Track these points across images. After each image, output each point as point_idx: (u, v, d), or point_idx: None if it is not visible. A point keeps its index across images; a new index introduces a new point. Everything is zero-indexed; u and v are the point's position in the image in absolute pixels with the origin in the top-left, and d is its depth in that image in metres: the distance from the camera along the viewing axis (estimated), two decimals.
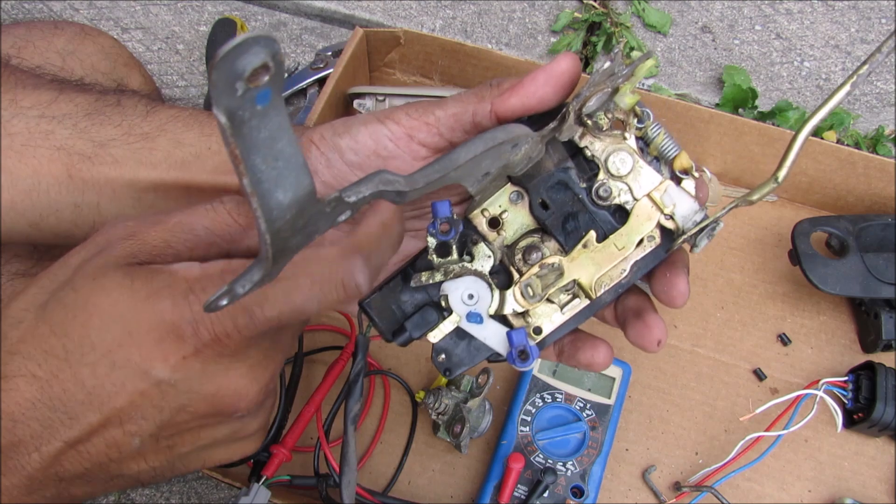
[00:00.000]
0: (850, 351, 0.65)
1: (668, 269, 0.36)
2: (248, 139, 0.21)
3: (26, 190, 0.38)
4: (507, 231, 0.37)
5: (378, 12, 0.89)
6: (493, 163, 0.33)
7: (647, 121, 0.35)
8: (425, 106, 0.36)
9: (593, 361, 0.37)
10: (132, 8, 0.87)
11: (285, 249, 0.27)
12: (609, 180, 0.35)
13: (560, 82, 0.34)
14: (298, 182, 0.24)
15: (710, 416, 0.62)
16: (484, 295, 0.36)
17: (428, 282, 0.36)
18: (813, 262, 0.60)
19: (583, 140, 0.35)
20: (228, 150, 0.21)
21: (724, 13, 0.91)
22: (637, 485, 0.59)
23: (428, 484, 0.58)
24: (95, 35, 0.57)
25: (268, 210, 0.24)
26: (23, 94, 0.39)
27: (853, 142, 0.80)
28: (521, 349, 0.34)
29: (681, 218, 0.35)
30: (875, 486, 0.59)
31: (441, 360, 0.37)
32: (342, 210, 0.28)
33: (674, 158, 0.35)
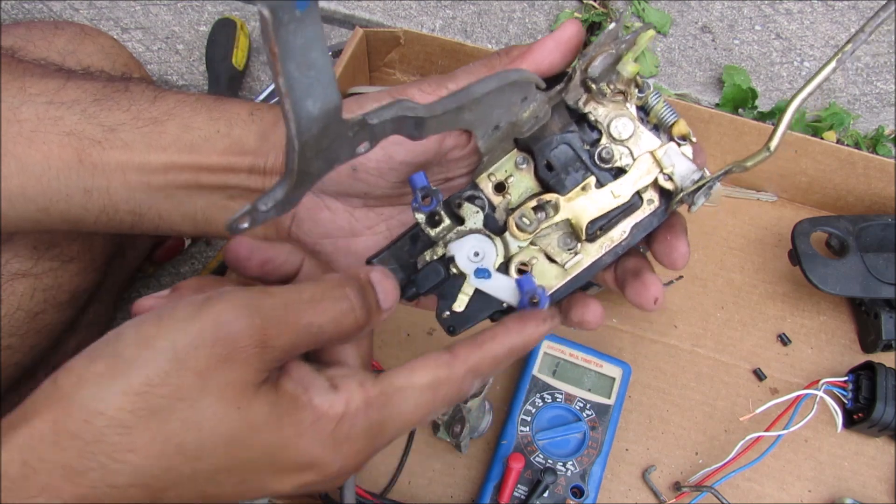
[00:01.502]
0: (850, 351, 0.65)
1: (668, 231, 0.37)
2: (286, 43, 0.22)
3: (36, 175, 0.38)
4: (512, 194, 0.38)
5: (378, 12, 0.89)
6: (504, 114, 0.35)
7: (647, 90, 0.36)
8: (437, 80, 0.37)
9: (584, 319, 0.38)
10: (132, 8, 0.87)
11: (308, 173, 0.27)
12: (611, 144, 0.37)
13: (567, 48, 0.36)
14: (327, 94, 0.25)
15: (710, 416, 0.62)
16: (489, 251, 0.37)
17: (433, 258, 0.37)
18: (813, 262, 0.60)
19: (587, 106, 0.36)
20: (267, 47, 0.22)
21: (724, 13, 0.91)
22: (637, 485, 0.59)
23: (428, 484, 0.58)
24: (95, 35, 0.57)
25: (299, 116, 0.24)
26: (31, 81, 0.39)
27: (853, 142, 0.80)
28: (532, 294, 0.35)
29: (679, 177, 0.36)
30: (875, 486, 0.59)
31: (445, 317, 0.38)
32: (363, 138, 0.29)
33: (672, 125, 0.36)
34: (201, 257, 0.71)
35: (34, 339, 0.50)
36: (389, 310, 0.33)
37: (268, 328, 0.28)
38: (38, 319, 0.49)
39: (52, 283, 0.49)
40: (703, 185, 0.35)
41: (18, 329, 0.48)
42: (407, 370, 0.32)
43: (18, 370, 0.50)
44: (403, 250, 0.38)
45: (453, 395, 0.32)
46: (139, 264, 0.67)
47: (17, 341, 0.48)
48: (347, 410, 0.30)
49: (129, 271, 0.65)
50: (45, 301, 0.49)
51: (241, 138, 0.40)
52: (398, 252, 0.38)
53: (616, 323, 0.65)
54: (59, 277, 0.50)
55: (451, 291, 0.38)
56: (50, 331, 0.51)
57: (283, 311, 0.29)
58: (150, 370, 0.27)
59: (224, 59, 0.79)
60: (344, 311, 0.31)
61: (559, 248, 0.37)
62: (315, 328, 0.30)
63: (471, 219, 0.38)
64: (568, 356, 0.60)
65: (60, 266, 0.50)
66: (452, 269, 0.37)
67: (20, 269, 0.48)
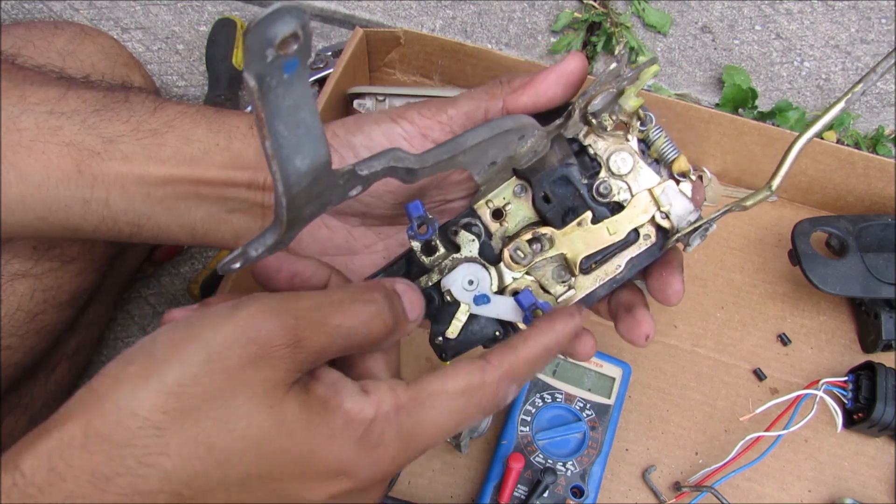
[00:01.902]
0: (850, 351, 0.65)
1: (664, 268, 0.37)
2: (274, 105, 0.23)
3: (35, 184, 0.38)
4: (509, 222, 0.38)
5: (378, 12, 0.89)
6: (500, 152, 0.35)
7: (649, 124, 0.36)
8: (437, 104, 0.37)
9: (580, 352, 0.38)
10: (132, 8, 0.87)
11: (299, 217, 0.28)
12: (610, 178, 0.37)
13: (569, 81, 0.36)
14: (316, 151, 0.26)
15: (710, 416, 0.62)
16: (482, 276, 0.37)
17: (427, 284, 0.37)
18: (813, 262, 0.60)
19: (587, 139, 0.36)
20: (255, 113, 0.23)
21: (724, 13, 0.91)
22: (637, 485, 0.59)
23: (428, 484, 0.58)
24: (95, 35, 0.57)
25: (286, 174, 0.25)
26: (30, 90, 0.39)
27: (853, 142, 0.80)
28: (535, 308, 0.35)
29: (676, 217, 0.36)
30: (875, 486, 0.59)
31: (438, 342, 0.38)
32: (354, 184, 0.30)
33: (672, 161, 0.36)
34: (201, 257, 0.71)
35: (34, 340, 0.50)
36: (416, 320, 0.33)
37: (300, 328, 0.28)
38: (37, 320, 0.49)
39: (52, 283, 0.49)
40: (699, 226, 0.35)
41: (18, 329, 0.48)
42: (440, 376, 0.31)
43: (18, 370, 0.50)
44: (399, 273, 0.38)
45: (489, 402, 0.32)
46: (139, 264, 0.67)
47: (16, 341, 0.48)
48: (378, 414, 0.29)
49: (129, 271, 0.65)
50: (45, 301, 0.49)
51: (241, 152, 0.40)
52: (394, 275, 0.38)
53: None
54: (59, 278, 0.50)
55: (445, 317, 0.38)
56: (50, 331, 0.51)
57: (315, 313, 0.29)
58: (183, 370, 0.27)
59: (224, 59, 0.79)
60: (373, 314, 0.30)
61: (553, 280, 0.37)
62: (345, 330, 0.29)
63: (466, 247, 0.38)
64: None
65: (61, 267, 0.50)
66: (447, 297, 0.37)
67: (20, 269, 0.48)
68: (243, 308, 0.28)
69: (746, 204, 0.32)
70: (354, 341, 0.30)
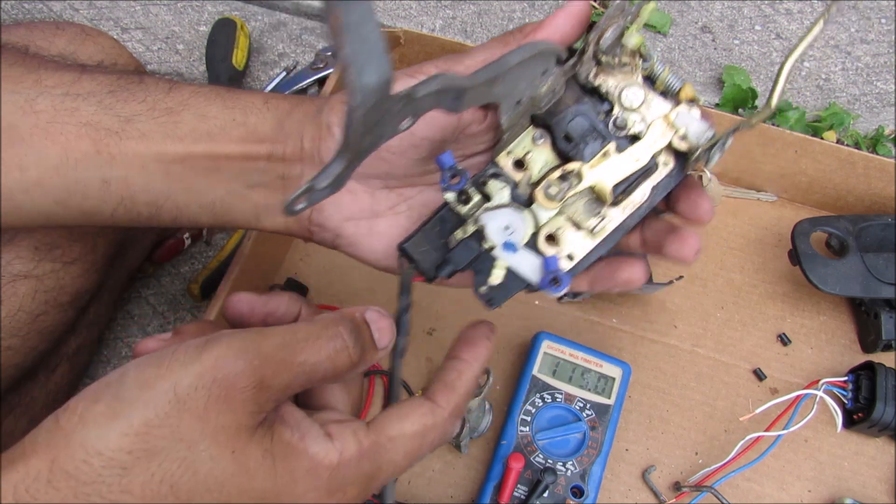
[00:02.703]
0: (850, 351, 0.65)
1: (690, 190, 0.38)
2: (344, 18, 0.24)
3: (54, 167, 0.38)
4: (531, 169, 0.39)
5: (378, 12, 0.89)
6: (527, 88, 0.36)
7: (651, 59, 0.37)
8: (454, 57, 0.38)
9: (632, 278, 0.40)
10: (132, 8, 0.87)
11: (359, 150, 0.29)
12: (623, 112, 0.38)
13: (577, 21, 0.37)
14: (381, 67, 0.26)
15: (710, 416, 0.62)
16: (519, 225, 0.38)
17: (464, 237, 0.39)
18: (813, 262, 0.60)
19: (597, 79, 0.38)
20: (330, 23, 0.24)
21: (724, 13, 0.91)
22: (637, 485, 0.59)
23: (428, 484, 0.58)
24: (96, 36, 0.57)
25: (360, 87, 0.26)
26: (45, 74, 0.39)
27: (853, 142, 0.80)
28: (554, 276, 0.36)
29: (694, 136, 0.37)
30: (875, 486, 0.59)
31: (482, 291, 0.39)
32: (406, 113, 0.30)
33: (679, 91, 0.38)
34: (201, 257, 0.71)
35: (35, 341, 0.50)
36: (385, 348, 0.34)
37: (264, 368, 0.29)
38: (39, 321, 0.49)
39: (53, 284, 0.49)
40: (717, 141, 0.36)
41: (20, 330, 0.48)
42: (396, 419, 0.32)
43: (19, 371, 0.50)
44: (434, 231, 0.39)
45: (439, 440, 0.34)
46: (139, 264, 0.67)
47: (18, 342, 0.48)
48: (342, 460, 0.30)
49: (130, 271, 0.65)
50: (47, 302, 0.49)
51: (258, 126, 0.40)
52: (429, 234, 0.39)
53: (616, 323, 0.65)
54: (60, 279, 0.50)
55: (486, 266, 0.39)
56: (51, 332, 0.51)
57: (280, 351, 0.29)
58: (150, 411, 0.27)
59: (224, 59, 0.79)
60: (338, 349, 0.31)
61: (585, 214, 0.38)
62: (310, 366, 0.30)
63: (497, 194, 0.39)
64: (568, 356, 0.60)
65: (62, 268, 0.50)
66: (484, 245, 0.39)
67: (22, 270, 0.48)
68: (211, 348, 0.28)
69: (752, 122, 0.34)
70: (318, 375, 0.31)
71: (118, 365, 0.65)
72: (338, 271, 0.67)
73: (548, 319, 0.65)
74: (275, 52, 0.85)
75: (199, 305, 0.68)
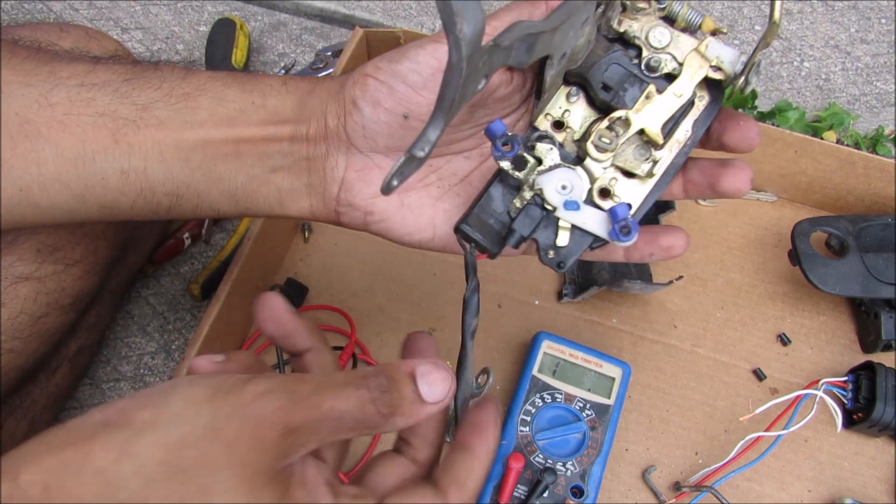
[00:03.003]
0: (850, 351, 0.65)
1: (737, 118, 0.39)
2: None
3: (72, 159, 0.37)
4: (573, 126, 0.39)
5: (378, 12, 0.89)
6: (573, 39, 0.36)
7: (666, 1, 0.38)
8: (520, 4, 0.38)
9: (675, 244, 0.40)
10: (132, 8, 0.87)
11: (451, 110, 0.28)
12: (655, 53, 0.38)
13: None
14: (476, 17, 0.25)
15: (710, 416, 0.62)
16: (576, 183, 0.38)
17: (522, 205, 0.38)
18: (813, 262, 0.61)
19: (622, 25, 0.38)
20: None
21: (724, 13, 0.91)
22: (637, 485, 0.59)
23: None
24: (100, 38, 0.57)
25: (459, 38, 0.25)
26: (60, 66, 0.39)
27: (853, 142, 0.80)
28: (624, 224, 0.36)
29: (728, 64, 0.38)
30: (875, 486, 0.59)
31: (551, 256, 0.39)
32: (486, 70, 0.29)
33: (700, 24, 0.38)
34: (201, 257, 0.71)
35: (37, 343, 0.49)
36: (439, 402, 0.32)
37: (295, 411, 0.29)
38: (40, 323, 0.49)
39: (55, 286, 0.49)
40: (753, 64, 0.36)
41: (21, 332, 0.48)
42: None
43: (20, 373, 0.50)
44: (489, 206, 0.39)
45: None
46: (140, 265, 0.67)
47: (19, 344, 0.48)
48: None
49: (131, 273, 0.65)
50: (48, 305, 0.49)
51: (278, 108, 0.39)
52: (484, 209, 0.39)
53: (616, 323, 0.65)
54: (62, 281, 0.50)
55: (548, 231, 0.39)
56: (52, 334, 0.51)
57: (312, 395, 0.30)
58: (188, 429, 0.27)
59: (224, 60, 0.79)
60: (363, 399, 0.30)
61: (636, 160, 0.39)
62: (336, 413, 0.30)
63: (548, 157, 0.38)
64: (568, 356, 0.60)
65: (64, 269, 0.50)
66: (547, 208, 0.38)
67: (23, 272, 0.47)
68: (254, 384, 0.29)
69: (767, 40, 0.34)
70: (347, 425, 0.30)
71: (118, 365, 0.65)
72: (338, 271, 0.67)
73: (548, 319, 0.65)
74: (275, 52, 0.85)
75: (199, 305, 0.68)
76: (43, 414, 0.55)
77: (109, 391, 0.64)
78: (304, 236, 0.68)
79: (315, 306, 0.64)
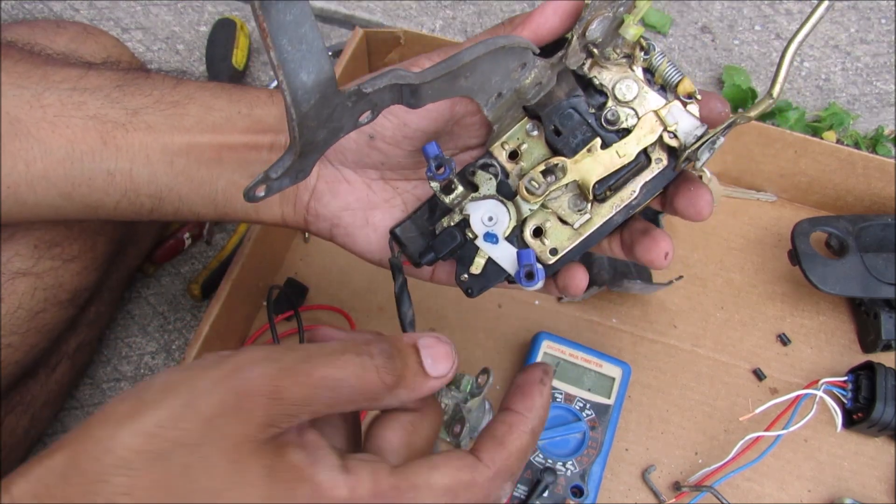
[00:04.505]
0: (850, 351, 0.65)
1: (689, 183, 0.38)
2: (276, 20, 0.24)
3: (60, 159, 0.38)
4: (525, 161, 0.39)
5: (378, 12, 0.89)
6: (503, 81, 0.35)
7: (651, 52, 0.37)
8: (445, 49, 0.38)
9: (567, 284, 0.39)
10: (132, 8, 0.87)
11: (314, 142, 0.29)
12: (617, 106, 0.37)
13: (566, 13, 0.37)
14: (320, 66, 0.27)
15: (710, 416, 0.62)
16: (502, 217, 0.39)
17: (450, 224, 0.39)
18: (812, 262, 0.61)
19: (591, 71, 0.37)
20: (258, 24, 0.24)
21: (723, 13, 0.91)
22: (637, 485, 0.59)
23: None
24: (97, 34, 0.57)
25: (293, 87, 0.26)
26: (53, 70, 0.40)
27: (853, 142, 0.80)
28: (529, 269, 0.37)
29: (683, 134, 0.37)
30: (875, 486, 0.59)
31: (463, 279, 0.39)
32: (363, 108, 0.30)
33: (677, 84, 0.37)
34: (201, 257, 0.71)
35: (35, 338, 0.50)
36: (442, 377, 0.30)
37: (280, 378, 0.27)
38: (38, 318, 0.49)
39: (53, 282, 0.49)
40: (706, 139, 0.35)
41: (19, 328, 0.48)
42: (427, 466, 0.29)
43: (19, 368, 0.50)
44: (423, 219, 0.40)
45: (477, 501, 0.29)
46: (140, 263, 0.67)
47: (17, 340, 0.48)
48: (352, 497, 0.27)
49: (130, 270, 0.65)
50: (46, 300, 0.49)
51: (262, 118, 0.40)
52: (418, 221, 0.40)
53: (616, 323, 0.65)
54: (60, 276, 0.50)
55: (469, 255, 0.39)
56: (51, 330, 0.51)
57: (301, 363, 0.28)
58: (164, 413, 0.27)
59: (224, 59, 0.79)
60: (365, 367, 0.28)
61: (570, 210, 0.38)
62: (332, 382, 0.28)
63: (484, 185, 0.39)
64: (568, 356, 0.60)
65: (62, 265, 0.50)
66: (468, 234, 0.39)
67: (21, 267, 0.48)
68: (234, 356, 0.28)
69: (750, 115, 0.33)
70: (344, 395, 0.28)
71: (118, 365, 0.65)
72: (338, 271, 0.67)
73: (548, 319, 0.65)
74: None
75: (199, 305, 0.68)
76: (43, 410, 0.55)
77: (110, 391, 0.64)
78: (304, 236, 0.68)
79: (315, 306, 0.64)
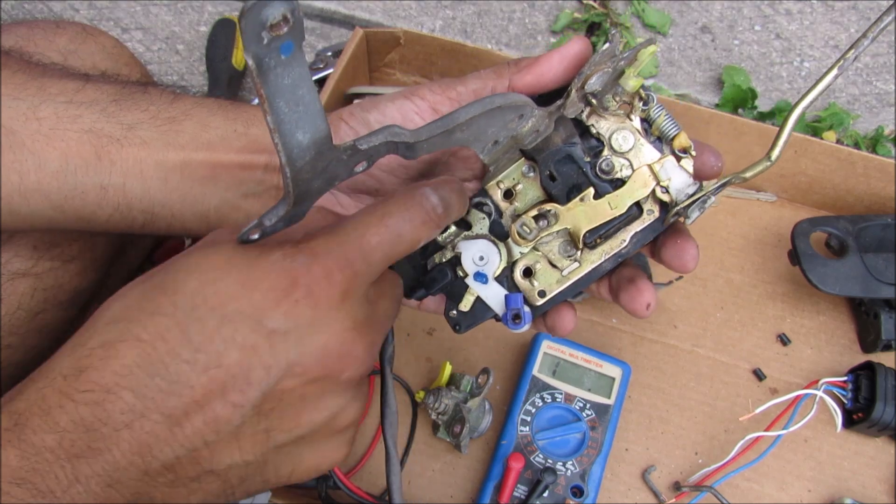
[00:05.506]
0: (850, 351, 0.65)
1: (677, 235, 0.38)
2: (274, 84, 0.25)
3: (53, 172, 0.38)
4: (519, 202, 0.39)
5: (378, 12, 0.89)
6: (500, 131, 0.36)
7: (650, 103, 0.37)
8: (448, 82, 0.39)
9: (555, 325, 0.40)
10: (132, 8, 0.87)
11: (309, 191, 0.30)
12: (612, 156, 0.38)
13: (571, 63, 0.37)
14: (316, 126, 0.28)
15: (710, 416, 0.62)
16: (493, 257, 0.39)
17: (441, 260, 0.39)
18: (812, 262, 0.61)
19: (589, 119, 0.38)
20: (256, 90, 0.25)
21: (723, 13, 0.91)
22: (637, 485, 0.59)
23: (428, 484, 0.58)
24: (97, 35, 0.57)
25: (289, 147, 0.27)
26: (49, 82, 0.40)
27: (853, 142, 0.80)
28: (516, 312, 0.38)
29: (675, 190, 0.37)
30: (875, 486, 0.59)
31: (452, 315, 0.40)
32: (358, 159, 0.31)
33: (673, 138, 0.37)
34: None
35: (35, 339, 0.50)
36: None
37: None
38: (38, 319, 0.49)
39: (52, 282, 0.49)
40: (697, 198, 0.35)
41: (19, 328, 0.48)
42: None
43: (18, 369, 0.50)
44: (416, 253, 0.39)
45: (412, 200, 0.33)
46: (140, 264, 0.67)
47: (17, 340, 0.48)
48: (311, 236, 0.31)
49: (131, 271, 0.65)
50: (46, 301, 0.49)
51: (258, 137, 0.40)
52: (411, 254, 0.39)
53: (616, 323, 0.65)
54: (59, 277, 0.50)
55: (459, 292, 0.40)
56: (50, 330, 0.51)
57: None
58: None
59: (224, 60, 0.79)
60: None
61: (560, 254, 0.39)
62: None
63: (477, 224, 0.39)
64: (568, 356, 0.60)
65: (61, 266, 0.50)
66: (459, 272, 0.39)
67: (21, 268, 0.48)
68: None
69: (745, 175, 0.33)
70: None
71: None
72: None
73: None
74: None
75: None
76: None
77: None
78: None
79: None
